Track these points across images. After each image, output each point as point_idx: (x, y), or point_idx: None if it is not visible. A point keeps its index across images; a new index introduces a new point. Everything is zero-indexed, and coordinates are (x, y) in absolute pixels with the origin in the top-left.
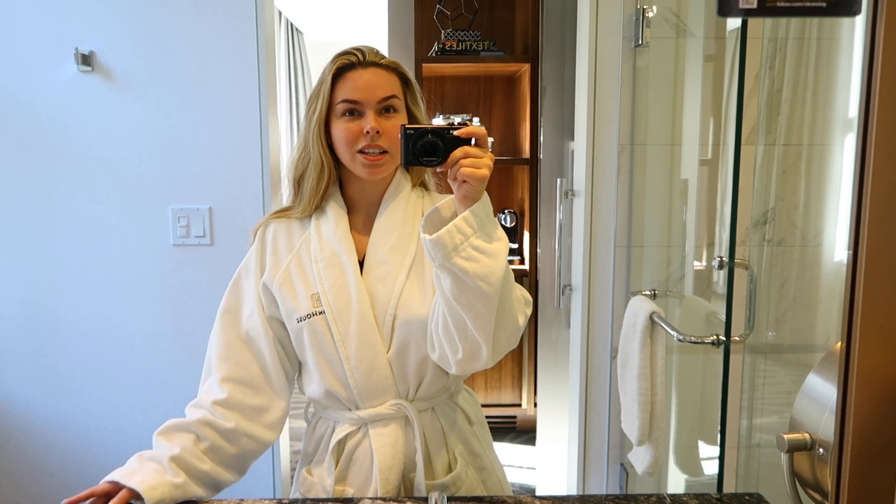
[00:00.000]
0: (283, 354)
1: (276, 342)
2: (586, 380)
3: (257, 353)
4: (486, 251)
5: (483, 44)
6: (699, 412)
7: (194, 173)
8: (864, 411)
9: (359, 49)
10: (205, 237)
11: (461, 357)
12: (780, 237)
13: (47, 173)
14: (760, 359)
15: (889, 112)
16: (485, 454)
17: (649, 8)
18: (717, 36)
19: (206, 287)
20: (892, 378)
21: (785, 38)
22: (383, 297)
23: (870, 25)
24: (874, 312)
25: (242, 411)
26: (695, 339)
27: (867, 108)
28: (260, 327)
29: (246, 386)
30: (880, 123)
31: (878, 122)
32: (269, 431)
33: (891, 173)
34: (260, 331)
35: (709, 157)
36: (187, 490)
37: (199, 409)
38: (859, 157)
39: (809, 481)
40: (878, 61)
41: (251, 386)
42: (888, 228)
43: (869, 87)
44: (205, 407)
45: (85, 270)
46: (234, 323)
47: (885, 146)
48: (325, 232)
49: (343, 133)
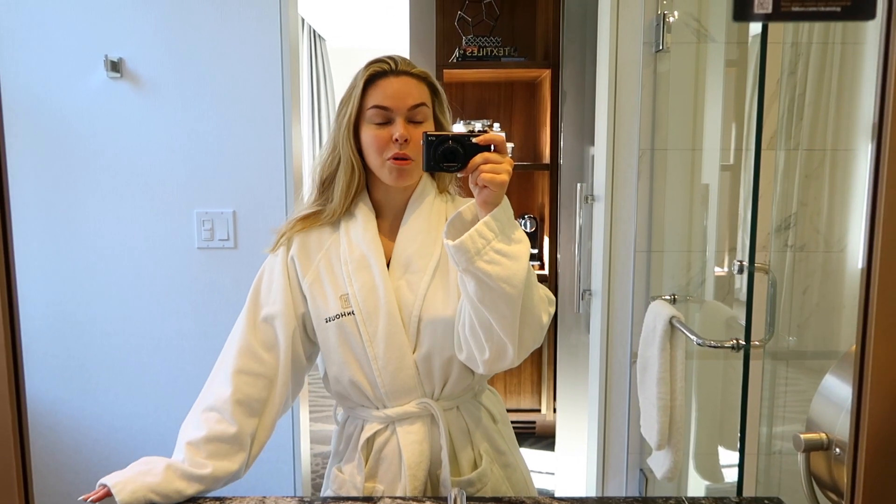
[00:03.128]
0: (298, 352)
1: (294, 340)
2: (606, 384)
3: (272, 348)
4: (508, 254)
5: (504, 50)
6: (719, 417)
7: (219, 178)
8: (879, 411)
9: (391, 58)
10: (229, 240)
11: (488, 357)
12: (803, 243)
13: (76, 178)
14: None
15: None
16: (509, 451)
17: (670, 13)
18: (739, 41)
19: (229, 289)
20: None
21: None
22: (409, 299)
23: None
24: (889, 313)
25: (249, 405)
26: (714, 343)
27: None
28: (280, 324)
29: (257, 378)
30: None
31: (893, 127)
32: (267, 430)
33: None
34: (280, 327)
35: (731, 162)
36: (169, 486)
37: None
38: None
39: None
40: (892, 65)
41: (262, 378)
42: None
43: (883, 92)
44: (216, 409)
45: (112, 273)
46: (253, 319)
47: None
48: (354, 235)
49: (372, 139)
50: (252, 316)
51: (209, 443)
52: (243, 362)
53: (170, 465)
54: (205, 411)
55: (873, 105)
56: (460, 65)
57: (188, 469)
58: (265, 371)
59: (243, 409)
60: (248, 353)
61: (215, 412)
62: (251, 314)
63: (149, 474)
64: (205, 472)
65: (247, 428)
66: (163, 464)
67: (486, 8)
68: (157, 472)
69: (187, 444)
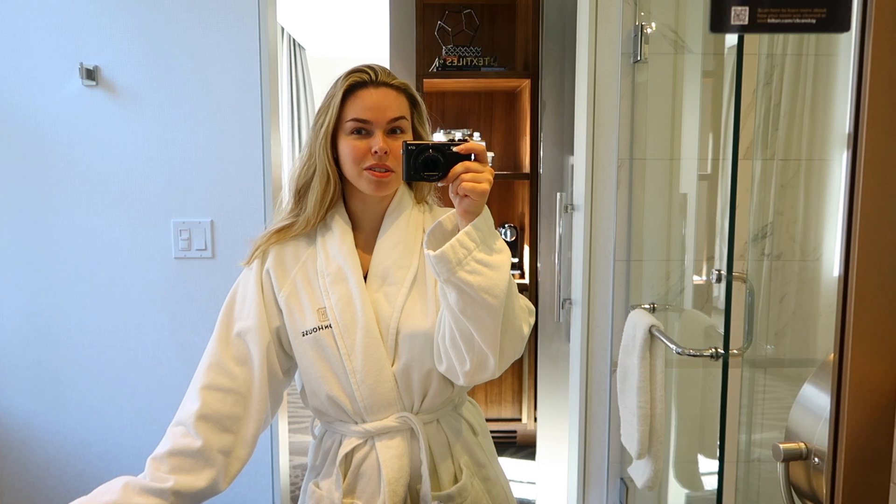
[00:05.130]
0: (274, 367)
1: (268, 354)
2: (586, 393)
3: (245, 363)
4: (490, 264)
5: (484, 59)
6: (699, 426)
7: (196, 187)
8: (856, 420)
9: (371, 67)
10: (206, 250)
11: (469, 368)
12: (779, 251)
13: (51, 186)
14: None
15: (877, 128)
16: (489, 464)
17: (648, 24)
18: (715, 52)
19: (207, 300)
20: (883, 387)
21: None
22: (387, 311)
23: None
24: (865, 323)
25: (218, 421)
26: (693, 351)
27: (856, 123)
28: (254, 338)
29: (227, 394)
30: (869, 139)
31: (867, 139)
32: (245, 446)
33: (880, 188)
34: (254, 342)
35: (708, 171)
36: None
37: (176, 427)
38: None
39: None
40: (867, 77)
41: (233, 393)
42: (879, 241)
43: (858, 103)
44: (182, 423)
45: (87, 283)
46: (225, 334)
47: (874, 161)
48: (331, 247)
49: (350, 150)
50: (224, 331)
51: (172, 457)
52: (211, 377)
53: (128, 483)
54: (172, 426)
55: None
56: (440, 74)
57: (147, 483)
58: (236, 386)
59: (210, 424)
60: (218, 368)
61: (181, 426)
62: (223, 329)
63: (106, 493)
64: (165, 486)
65: (214, 443)
66: (121, 482)
67: (466, 18)
68: (114, 490)
69: (151, 459)
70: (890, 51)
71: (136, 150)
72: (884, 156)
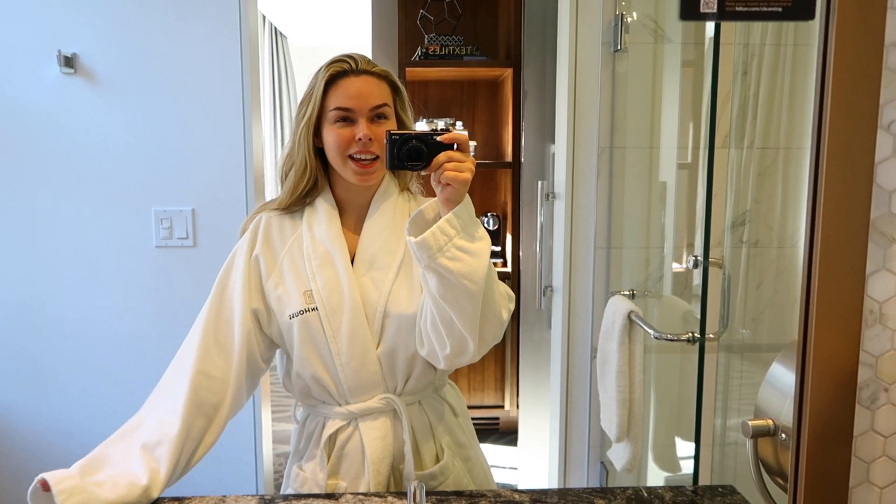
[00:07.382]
0: (253, 355)
1: (248, 343)
2: (567, 379)
3: (228, 351)
4: (470, 251)
5: (466, 49)
6: (677, 410)
7: (177, 175)
8: (820, 397)
9: (351, 56)
10: (188, 239)
11: (449, 352)
12: (756, 239)
13: (29, 175)
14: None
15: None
16: (470, 445)
17: (628, 14)
18: (695, 42)
19: (188, 289)
20: (846, 365)
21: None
22: (373, 295)
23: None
24: (829, 304)
25: (200, 407)
26: (670, 336)
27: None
28: (238, 327)
29: (212, 380)
30: (832, 125)
31: (831, 124)
32: (219, 431)
33: (843, 173)
34: (238, 331)
35: (688, 160)
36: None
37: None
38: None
39: (773, 467)
40: (831, 64)
41: (216, 381)
42: (842, 224)
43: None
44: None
45: (67, 272)
46: (216, 311)
47: (838, 147)
48: (318, 231)
49: (335, 139)
50: (216, 309)
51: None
52: (203, 363)
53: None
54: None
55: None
56: (423, 63)
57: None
58: (220, 374)
59: (195, 410)
60: (208, 353)
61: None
62: (215, 307)
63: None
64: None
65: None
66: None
67: (448, 7)
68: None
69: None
70: (853, 39)
71: (116, 138)
72: (847, 141)
